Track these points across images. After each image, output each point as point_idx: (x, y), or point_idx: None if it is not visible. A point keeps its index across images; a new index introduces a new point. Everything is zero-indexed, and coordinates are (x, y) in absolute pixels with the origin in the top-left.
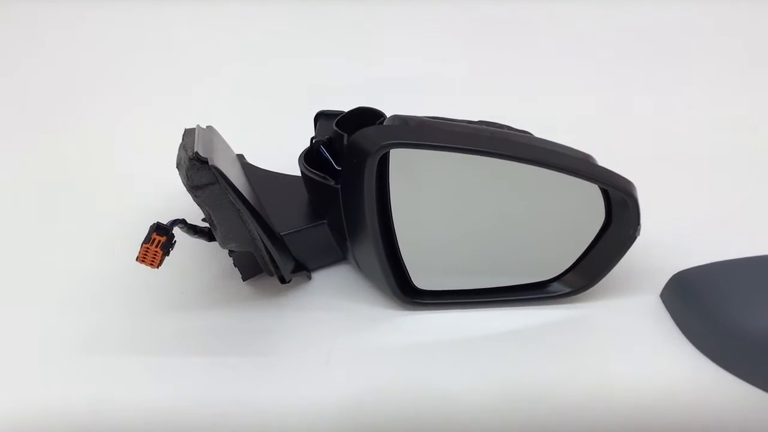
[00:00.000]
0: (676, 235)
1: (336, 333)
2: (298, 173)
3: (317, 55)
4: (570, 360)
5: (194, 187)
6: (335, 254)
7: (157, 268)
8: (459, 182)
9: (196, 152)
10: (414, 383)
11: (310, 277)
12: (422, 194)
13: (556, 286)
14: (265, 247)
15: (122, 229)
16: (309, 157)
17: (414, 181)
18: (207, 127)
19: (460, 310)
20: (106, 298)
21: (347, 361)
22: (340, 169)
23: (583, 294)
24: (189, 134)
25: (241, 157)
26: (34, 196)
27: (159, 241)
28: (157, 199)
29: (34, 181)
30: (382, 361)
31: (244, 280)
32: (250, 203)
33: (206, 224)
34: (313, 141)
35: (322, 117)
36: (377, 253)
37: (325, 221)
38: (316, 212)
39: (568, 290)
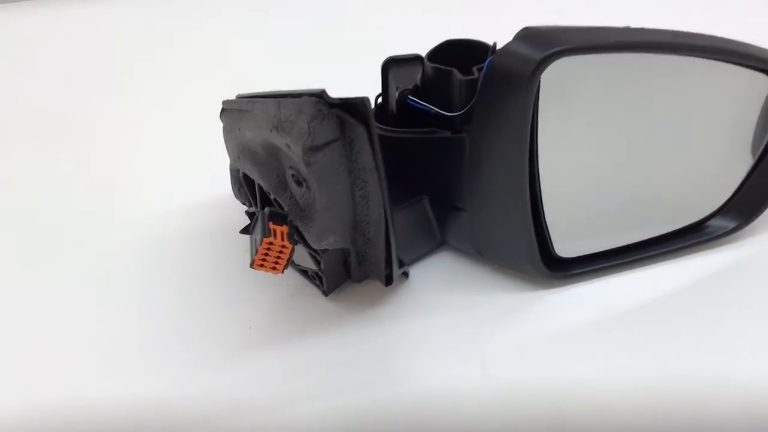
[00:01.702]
0: None
1: (475, 336)
2: None
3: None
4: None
5: (314, 149)
6: (433, 240)
7: (282, 272)
8: (609, 103)
9: (324, 91)
10: (597, 375)
11: (407, 275)
12: (572, 124)
13: (716, 224)
14: (386, 236)
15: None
16: (381, 116)
17: (565, 107)
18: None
19: (608, 276)
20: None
21: (509, 367)
22: (455, 114)
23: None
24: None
25: None
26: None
27: (282, 233)
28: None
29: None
30: (548, 358)
31: (327, 294)
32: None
33: None
34: (397, 91)
35: (393, 65)
36: (523, 213)
37: (423, 196)
38: (405, 187)
39: (732, 226)
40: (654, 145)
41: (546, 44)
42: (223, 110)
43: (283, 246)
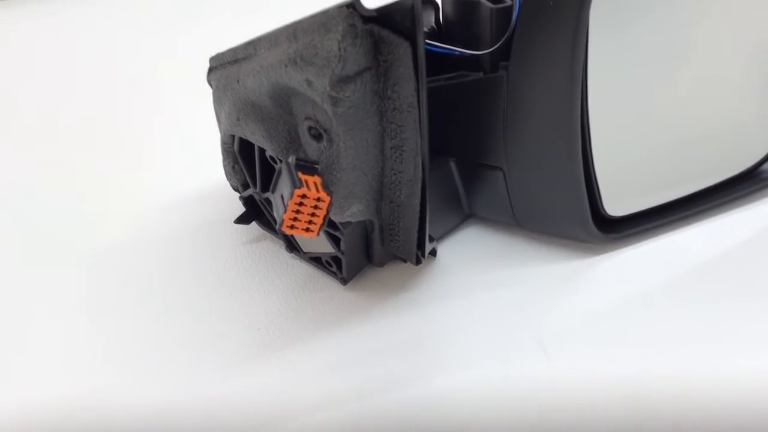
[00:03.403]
0: None
1: (528, 314)
2: None
3: None
4: None
5: (344, 80)
6: (461, 211)
7: (318, 234)
8: (663, 28)
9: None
10: (665, 348)
11: (435, 253)
12: (624, 57)
13: None
14: (422, 196)
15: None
16: None
17: (616, 36)
18: None
19: (660, 235)
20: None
21: (572, 346)
22: (486, 52)
23: None
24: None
25: None
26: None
27: (316, 183)
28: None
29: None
30: (614, 331)
31: (346, 282)
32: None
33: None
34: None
35: None
36: (573, 167)
37: (450, 158)
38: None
39: None
40: (705, 84)
41: None
42: (211, 69)
43: (319, 199)
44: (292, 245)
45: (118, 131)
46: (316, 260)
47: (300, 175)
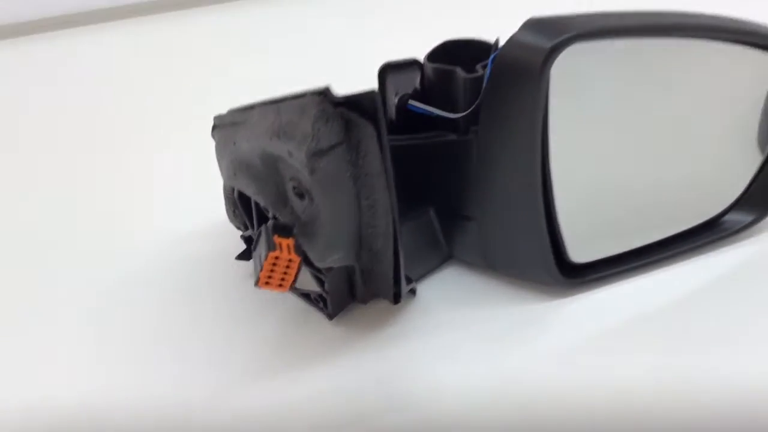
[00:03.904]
0: None
1: (493, 351)
2: None
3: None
4: None
5: (319, 153)
6: (440, 254)
7: (289, 289)
8: (623, 91)
9: (327, 88)
10: (627, 383)
11: (414, 292)
12: (584, 119)
13: (733, 219)
14: (394, 247)
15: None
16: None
17: (576, 100)
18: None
19: (623, 280)
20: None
21: (533, 382)
22: (461, 115)
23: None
24: (237, 112)
25: None
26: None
27: (289, 245)
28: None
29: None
30: (572, 369)
31: (332, 318)
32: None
33: None
34: (396, 96)
35: (391, 71)
36: (536, 219)
37: (429, 208)
38: (407, 199)
39: (748, 220)
40: (665, 139)
41: (555, 32)
42: (215, 127)
43: (290, 260)
44: None
45: (125, 166)
46: (306, 296)
47: (276, 238)
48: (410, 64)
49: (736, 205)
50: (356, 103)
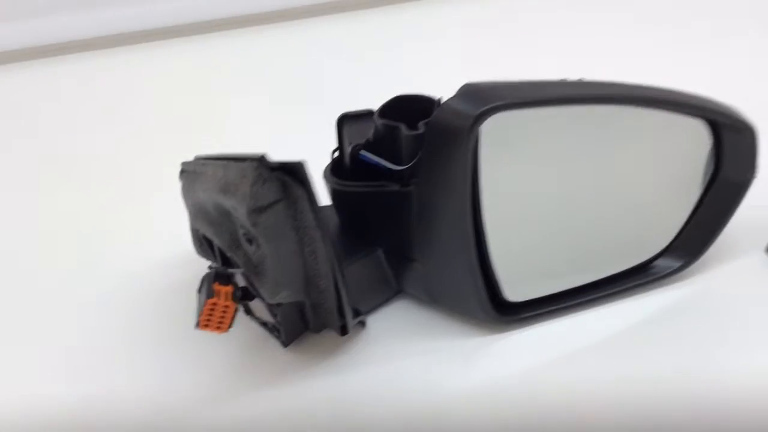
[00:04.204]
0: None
1: (428, 382)
2: None
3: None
4: (702, 350)
5: (258, 210)
6: (390, 289)
7: (227, 330)
8: (551, 152)
9: (263, 156)
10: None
11: (364, 324)
12: (513, 175)
13: (662, 264)
14: (336, 286)
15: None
16: (338, 170)
17: (505, 159)
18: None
19: (557, 318)
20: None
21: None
22: (403, 168)
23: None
24: (199, 163)
25: None
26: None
27: (226, 293)
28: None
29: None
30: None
31: (285, 346)
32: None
33: None
34: (349, 147)
35: (348, 121)
36: (468, 262)
37: (377, 248)
38: (361, 239)
39: (677, 265)
40: (597, 191)
41: (482, 100)
42: (182, 171)
43: (227, 306)
44: (248, 310)
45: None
46: (264, 324)
47: (215, 285)
48: (366, 115)
49: (666, 251)
50: (289, 169)
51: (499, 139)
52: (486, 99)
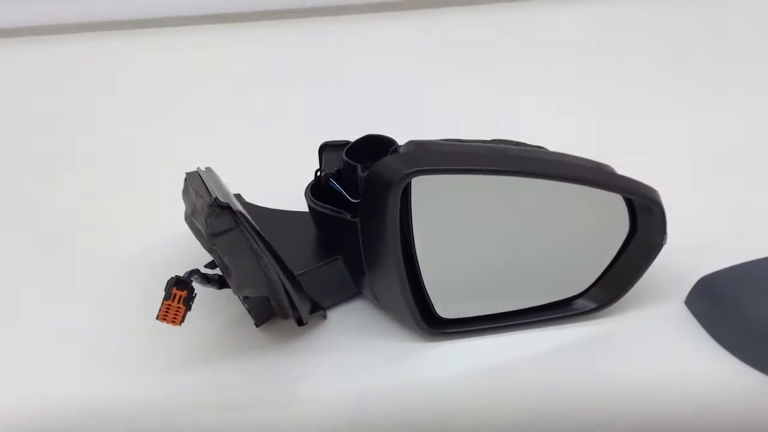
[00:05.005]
0: (690, 240)
1: (360, 374)
2: (298, 209)
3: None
4: (605, 375)
5: (214, 235)
6: (350, 290)
7: (179, 324)
8: (481, 204)
9: (216, 198)
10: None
11: (325, 317)
12: (444, 219)
13: (581, 303)
14: (285, 290)
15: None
16: (316, 191)
17: (436, 206)
18: (206, 168)
19: (484, 336)
20: (105, 355)
21: (379, 404)
22: (355, 201)
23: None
24: (194, 179)
25: (239, 197)
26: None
27: (180, 296)
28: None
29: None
30: (416, 396)
31: (257, 326)
32: (270, 245)
33: (215, 271)
34: (322, 174)
35: (327, 149)
36: (400, 285)
37: (338, 257)
38: (327, 248)
39: (594, 306)
40: (522, 236)
41: (410, 163)
42: (185, 179)
43: (179, 307)
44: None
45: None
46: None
47: (174, 289)
48: (343, 145)
49: (585, 292)
50: (232, 210)
51: (430, 190)
52: (415, 161)
